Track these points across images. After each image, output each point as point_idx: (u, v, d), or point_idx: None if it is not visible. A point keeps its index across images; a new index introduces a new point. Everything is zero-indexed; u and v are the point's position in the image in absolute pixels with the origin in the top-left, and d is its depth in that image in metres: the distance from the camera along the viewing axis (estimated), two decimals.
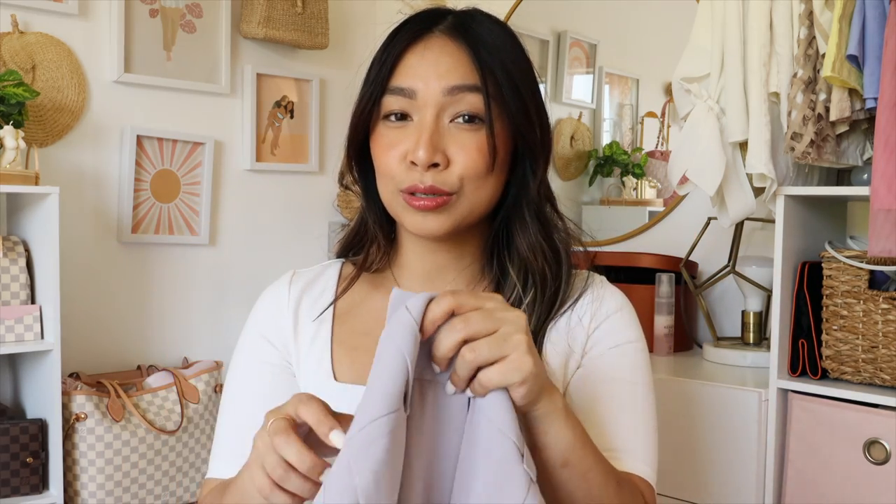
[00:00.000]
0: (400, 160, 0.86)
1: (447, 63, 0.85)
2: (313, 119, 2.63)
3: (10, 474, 1.83)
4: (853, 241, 1.64)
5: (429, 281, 0.94)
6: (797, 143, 1.47)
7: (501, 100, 0.86)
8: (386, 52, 0.87)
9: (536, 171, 0.90)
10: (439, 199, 0.85)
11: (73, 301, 2.12)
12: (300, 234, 2.64)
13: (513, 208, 0.92)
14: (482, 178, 0.86)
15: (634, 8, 2.28)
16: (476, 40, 0.86)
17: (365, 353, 0.91)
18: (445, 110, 0.85)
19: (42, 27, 2.11)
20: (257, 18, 2.38)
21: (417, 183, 0.84)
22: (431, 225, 0.86)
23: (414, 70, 0.86)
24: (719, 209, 1.65)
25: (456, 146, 0.85)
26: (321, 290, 0.98)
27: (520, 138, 0.89)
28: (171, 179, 2.35)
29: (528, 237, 0.91)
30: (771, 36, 1.53)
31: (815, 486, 1.50)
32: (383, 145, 0.87)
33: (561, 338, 0.90)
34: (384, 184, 0.89)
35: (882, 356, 1.46)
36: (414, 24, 0.88)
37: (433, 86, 0.85)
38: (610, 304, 0.93)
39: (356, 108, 0.90)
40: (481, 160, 0.85)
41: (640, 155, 2.33)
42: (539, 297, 0.90)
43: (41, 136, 2.10)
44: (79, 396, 1.93)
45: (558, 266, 0.91)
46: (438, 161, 0.84)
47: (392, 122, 0.87)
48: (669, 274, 1.95)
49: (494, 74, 0.85)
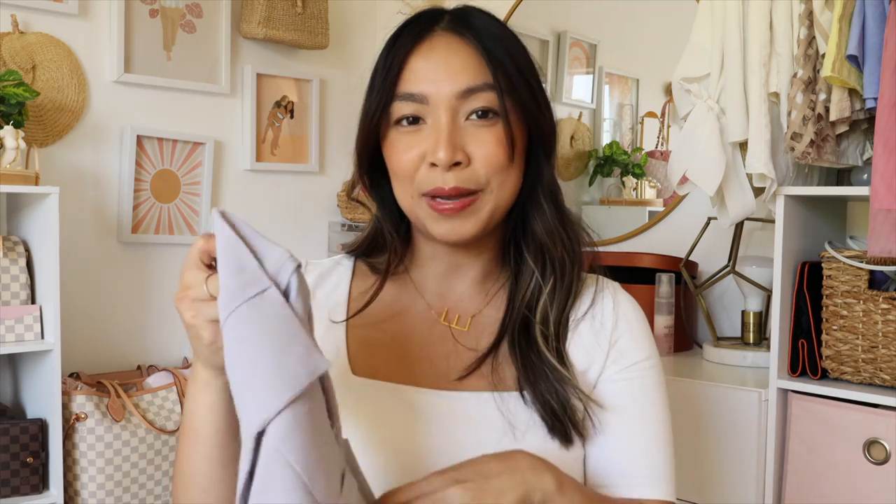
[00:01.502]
0: (418, 162, 0.83)
1: (456, 63, 0.83)
2: (313, 119, 2.63)
3: (10, 474, 1.83)
4: (853, 241, 1.64)
5: (444, 281, 0.92)
6: (797, 143, 1.47)
7: (513, 92, 0.84)
8: (390, 57, 0.85)
9: (550, 155, 0.90)
10: (466, 201, 0.83)
11: (73, 301, 2.12)
12: (300, 234, 2.64)
13: (529, 196, 0.90)
14: (505, 172, 0.84)
15: (634, 8, 2.28)
16: (480, 34, 0.85)
17: (380, 349, 0.90)
18: (459, 110, 0.83)
19: (42, 27, 2.12)
20: (257, 18, 2.39)
21: (441, 185, 0.82)
22: (461, 230, 0.84)
23: (423, 74, 0.84)
24: (719, 209, 1.65)
25: (475, 143, 0.83)
26: (335, 283, 0.95)
27: (534, 127, 0.87)
28: (172, 179, 2.35)
29: (545, 222, 0.89)
30: (771, 36, 1.53)
31: (815, 486, 1.50)
32: (399, 149, 0.85)
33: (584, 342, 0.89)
34: (403, 189, 0.86)
35: (882, 356, 1.46)
36: (414, 25, 0.87)
37: (445, 89, 0.83)
38: (630, 315, 0.92)
39: (364, 117, 0.87)
40: (502, 152, 0.83)
41: (640, 155, 2.33)
42: (559, 285, 0.88)
43: (41, 136, 2.10)
44: (79, 396, 1.93)
45: (575, 255, 0.90)
46: (460, 160, 0.82)
47: (405, 126, 0.85)
48: (669, 274, 1.95)
49: (504, 67, 0.84)
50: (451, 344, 0.90)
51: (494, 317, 0.91)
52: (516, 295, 0.90)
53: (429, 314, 0.92)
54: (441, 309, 0.92)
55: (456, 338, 0.90)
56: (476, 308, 0.92)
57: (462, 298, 0.93)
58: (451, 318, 0.92)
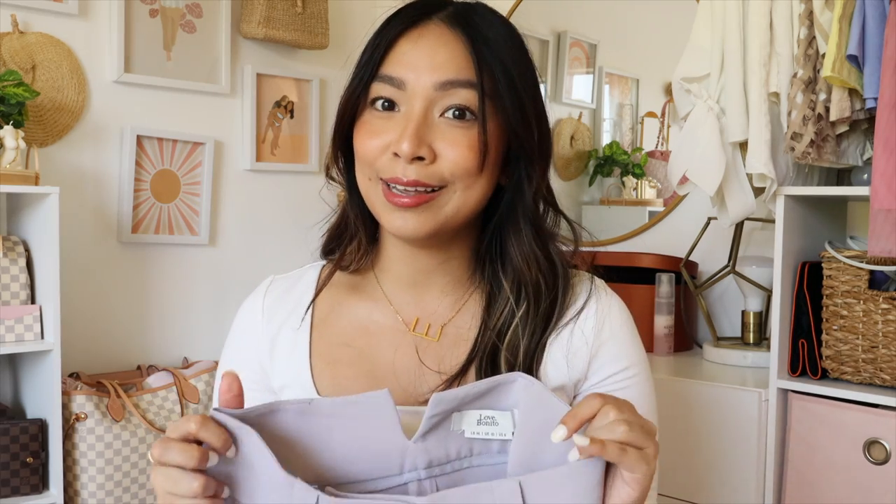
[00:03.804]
0: (382, 150, 0.80)
1: (442, 55, 0.80)
2: (313, 119, 2.63)
3: (10, 474, 1.83)
4: (853, 241, 1.64)
5: (414, 286, 0.89)
6: (797, 143, 1.47)
7: (497, 97, 0.81)
8: (379, 37, 0.82)
9: (532, 176, 0.85)
10: (421, 197, 0.79)
11: (73, 301, 2.12)
12: (300, 234, 2.63)
13: (507, 215, 0.86)
14: (471, 178, 0.80)
15: (634, 8, 2.28)
16: (475, 32, 0.81)
17: (346, 366, 0.87)
18: (435, 104, 0.80)
19: (42, 27, 2.11)
20: (257, 18, 2.38)
21: (399, 175, 0.79)
22: (411, 225, 0.80)
23: (406, 58, 0.80)
24: (719, 209, 1.65)
25: (444, 141, 0.79)
26: (298, 297, 0.92)
27: (514, 139, 0.83)
28: (171, 179, 2.35)
29: (521, 246, 0.85)
30: (771, 36, 1.53)
31: (815, 486, 1.50)
32: (366, 132, 0.82)
33: (564, 353, 0.86)
34: (362, 171, 0.83)
35: (882, 356, 1.46)
36: (412, 9, 0.83)
37: (424, 78, 0.79)
38: (616, 320, 0.89)
39: (344, 93, 0.84)
40: (472, 157, 0.79)
41: (640, 155, 2.33)
42: (533, 311, 0.84)
43: (41, 136, 2.10)
44: (79, 396, 1.93)
45: (554, 277, 0.86)
46: (424, 155, 0.78)
47: (378, 110, 0.82)
48: (669, 274, 1.95)
49: (492, 70, 0.80)
50: (422, 357, 0.87)
51: (465, 328, 0.88)
52: (489, 317, 0.86)
53: (397, 325, 0.89)
54: (410, 317, 0.89)
55: (425, 350, 0.87)
56: (446, 317, 0.89)
57: (432, 306, 0.89)
58: (421, 327, 0.89)
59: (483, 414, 0.69)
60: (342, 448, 0.68)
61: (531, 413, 0.68)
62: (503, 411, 0.70)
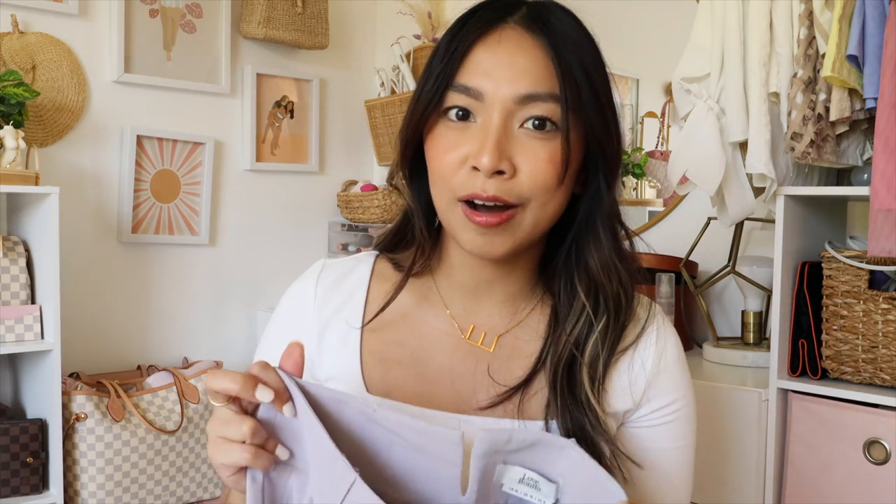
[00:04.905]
0: (459, 164, 0.76)
1: (522, 64, 0.76)
2: (313, 119, 2.63)
3: (10, 474, 1.83)
4: (853, 241, 1.64)
5: (472, 295, 0.86)
6: (797, 143, 1.47)
7: (580, 107, 0.77)
8: (453, 43, 0.77)
9: (611, 182, 0.82)
10: (503, 215, 0.76)
11: (73, 301, 2.12)
12: (300, 234, 2.64)
13: (585, 224, 0.83)
14: (550, 192, 0.77)
15: (634, 8, 2.28)
16: (555, 36, 0.77)
17: (398, 366, 0.85)
18: (515, 115, 0.76)
19: (42, 27, 2.12)
20: (257, 18, 2.39)
21: (479, 191, 0.75)
22: (492, 247, 0.77)
23: (484, 67, 0.76)
24: (719, 209, 1.65)
25: (525, 155, 0.76)
26: (351, 290, 0.89)
27: (596, 149, 0.80)
28: (172, 179, 2.35)
29: (601, 255, 0.82)
30: (771, 36, 1.53)
31: (815, 486, 1.50)
32: (442, 146, 0.78)
33: (625, 374, 0.84)
34: (440, 191, 0.79)
35: (882, 356, 1.46)
36: (485, 12, 0.78)
37: (504, 90, 0.75)
38: (672, 351, 0.87)
39: (414, 103, 0.80)
40: (552, 172, 0.76)
41: (640, 155, 2.33)
42: (613, 325, 0.81)
43: (41, 136, 2.10)
44: (79, 396, 1.93)
45: (631, 293, 0.83)
46: (504, 169, 0.75)
47: (453, 120, 0.78)
48: (669, 274, 1.95)
49: (574, 78, 0.77)
50: (476, 365, 0.84)
51: (525, 341, 0.85)
52: (560, 327, 0.83)
53: (452, 331, 0.86)
54: (466, 324, 0.86)
55: (482, 359, 0.85)
56: (503, 328, 0.86)
57: (490, 316, 0.87)
58: (476, 335, 0.86)
59: (527, 474, 0.67)
60: (400, 465, 0.67)
61: (584, 493, 0.65)
62: (548, 480, 0.67)
